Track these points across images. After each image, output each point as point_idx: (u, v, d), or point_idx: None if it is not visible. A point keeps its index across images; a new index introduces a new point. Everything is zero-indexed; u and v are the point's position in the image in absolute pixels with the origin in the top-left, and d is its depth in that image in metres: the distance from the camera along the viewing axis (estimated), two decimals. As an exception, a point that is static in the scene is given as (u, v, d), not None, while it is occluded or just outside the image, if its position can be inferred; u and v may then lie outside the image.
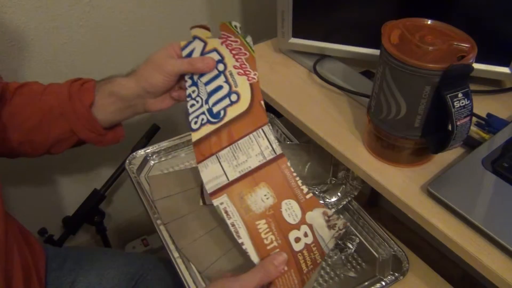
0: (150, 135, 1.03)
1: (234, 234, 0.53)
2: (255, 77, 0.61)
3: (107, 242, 1.19)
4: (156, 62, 0.61)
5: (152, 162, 0.82)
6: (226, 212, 0.53)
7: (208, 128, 0.58)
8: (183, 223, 0.68)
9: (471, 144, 0.61)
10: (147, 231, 1.29)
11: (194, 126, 0.58)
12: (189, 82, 0.61)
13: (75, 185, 1.11)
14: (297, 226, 0.54)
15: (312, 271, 0.55)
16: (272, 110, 0.79)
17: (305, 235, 0.54)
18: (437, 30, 0.54)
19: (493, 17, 0.64)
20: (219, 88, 0.60)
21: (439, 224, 0.52)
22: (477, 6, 0.64)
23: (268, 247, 0.53)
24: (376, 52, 0.55)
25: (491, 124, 0.63)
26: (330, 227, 0.56)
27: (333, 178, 0.74)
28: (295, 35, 0.77)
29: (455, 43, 0.52)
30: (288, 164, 0.56)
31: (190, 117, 0.60)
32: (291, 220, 0.54)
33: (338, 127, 0.67)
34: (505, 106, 0.68)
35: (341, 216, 0.65)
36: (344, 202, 0.71)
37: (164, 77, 0.60)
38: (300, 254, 0.53)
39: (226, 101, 0.59)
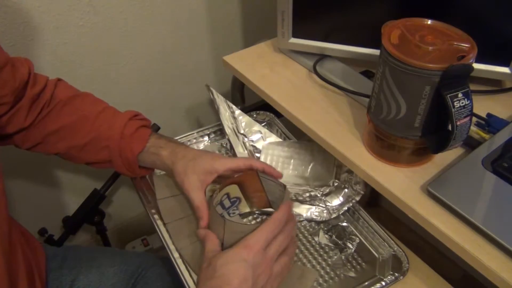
0: (150, 135, 1.03)
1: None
2: None
3: (107, 242, 1.19)
4: (195, 173, 0.62)
5: None
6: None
7: None
8: (184, 225, 0.68)
9: (471, 144, 0.61)
10: (147, 231, 1.29)
11: None
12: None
13: (75, 185, 1.11)
14: None
15: None
16: (272, 110, 0.79)
17: None
18: (437, 30, 0.54)
19: (493, 17, 0.64)
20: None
21: (439, 224, 0.52)
22: (477, 6, 0.64)
23: None
24: (376, 52, 0.55)
25: (491, 124, 0.63)
26: None
27: (336, 180, 0.74)
28: (295, 35, 0.77)
29: (455, 43, 0.52)
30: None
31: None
32: None
33: (338, 127, 0.67)
34: (505, 106, 0.68)
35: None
36: (346, 208, 0.71)
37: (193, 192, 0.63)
38: None
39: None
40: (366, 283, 0.64)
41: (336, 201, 0.72)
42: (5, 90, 0.60)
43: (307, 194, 0.73)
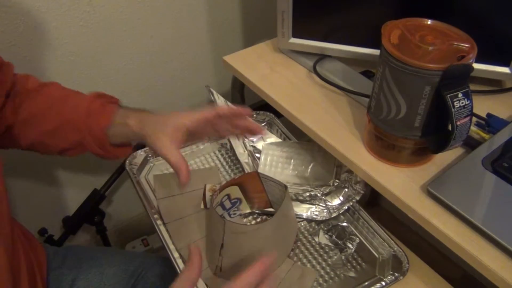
0: (150, 135, 1.03)
1: None
2: None
3: (107, 242, 1.19)
4: (164, 133, 0.61)
5: (152, 162, 0.82)
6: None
7: None
8: (183, 224, 0.68)
9: (471, 144, 0.61)
10: (147, 231, 1.29)
11: None
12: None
13: (75, 185, 1.11)
14: None
15: None
16: (272, 110, 0.79)
17: None
18: (437, 30, 0.54)
19: (493, 17, 0.64)
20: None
21: (439, 224, 0.52)
22: (477, 6, 0.64)
23: None
24: (376, 52, 0.55)
25: (491, 124, 0.63)
26: None
27: (336, 180, 0.74)
28: (295, 35, 0.77)
29: (455, 43, 0.52)
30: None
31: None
32: None
33: (338, 127, 0.67)
34: (505, 106, 0.68)
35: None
36: (346, 207, 0.71)
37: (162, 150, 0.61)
38: None
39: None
40: (366, 283, 0.64)
41: (336, 200, 0.72)
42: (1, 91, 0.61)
43: (307, 194, 0.73)
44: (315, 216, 0.71)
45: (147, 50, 1.00)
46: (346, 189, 0.72)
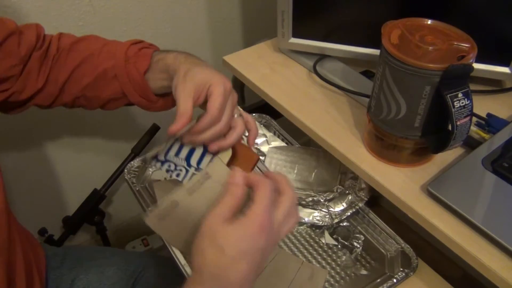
0: (150, 135, 1.03)
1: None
2: None
3: (107, 242, 1.19)
4: (193, 82, 0.55)
5: (151, 169, 0.81)
6: None
7: None
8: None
9: (471, 144, 0.61)
10: (147, 231, 1.29)
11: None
12: (158, 164, 0.55)
13: (75, 185, 1.11)
14: None
15: None
16: (271, 110, 0.79)
17: None
18: (437, 30, 0.54)
19: (493, 17, 0.64)
20: (192, 151, 0.56)
21: (439, 224, 0.52)
22: (477, 6, 0.64)
23: None
24: (376, 52, 0.55)
25: (491, 124, 0.63)
26: None
27: (340, 187, 0.74)
28: (295, 35, 0.77)
29: (455, 43, 0.52)
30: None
31: (185, 182, 0.54)
32: None
33: (338, 127, 0.67)
34: (505, 106, 0.68)
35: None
36: (349, 213, 0.71)
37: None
38: None
39: (208, 156, 0.55)
40: (378, 280, 0.64)
41: (339, 206, 0.72)
42: (11, 60, 0.60)
43: (310, 199, 0.73)
44: (316, 221, 0.71)
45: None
46: (350, 196, 0.72)
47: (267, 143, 0.83)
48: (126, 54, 0.64)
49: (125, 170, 0.79)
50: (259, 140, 0.83)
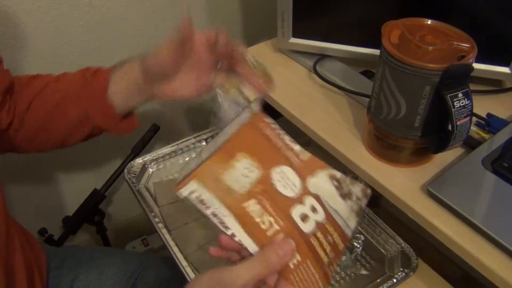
0: (150, 135, 1.03)
1: (220, 226, 0.40)
2: None
3: (107, 242, 1.19)
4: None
5: (151, 170, 0.81)
6: (201, 201, 0.40)
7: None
8: (189, 230, 0.68)
9: (471, 144, 0.61)
10: (147, 231, 1.29)
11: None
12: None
13: (75, 185, 1.11)
14: (299, 199, 0.41)
15: (335, 261, 0.42)
16: (271, 111, 0.79)
17: (313, 209, 0.41)
18: (437, 30, 0.54)
19: (493, 17, 0.64)
20: None
21: (439, 224, 0.52)
22: (477, 6, 0.64)
23: (268, 233, 0.40)
24: (376, 52, 0.55)
25: (491, 124, 0.63)
26: (344, 195, 0.44)
27: None
28: (295, 35, 0.77)
29: (455, 43, 0.52)
30: (268, 120, 0.45)
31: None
32: (289, 193, 0.42)
33: (338, 127, 0.67)
34: (505, 106, 0.68)
35: (357, 180, 0.55)
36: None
37: (168, 49, 0.56)
38: (313, 237, 0.41)
39: None
40: (378, 280, 0.64)
41: None
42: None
43: None
44: None
45: (147, 50, 1.00)
46: None
47: None
48: (83, 76, 0.63)
49: (125, 170, 0.79)
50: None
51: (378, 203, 0.76)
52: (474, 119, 0.65)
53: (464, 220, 0.52)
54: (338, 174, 0.45)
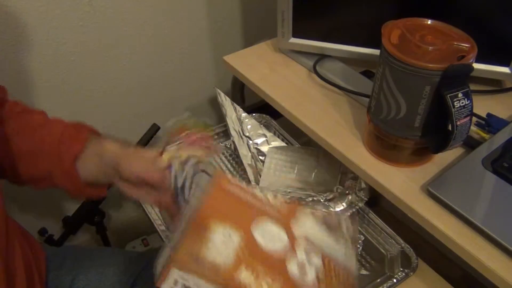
0: (150, 135, 1.03)
1: None
2: None
3: (107, 242, 1.19)
4: (145, 157, 0.58)
5: None
6: None
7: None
8: None
9: (471, 144, 0.61)
10: (147, 231, 1.29)
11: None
12: None
13: (75, 185, 1.11)
14: (290, 249, 0.39)
15: None
16: (271, 111, 0.79)
17: (307, 253, 0.40)
18: (437, 30, 0.54)
19: (493, 17, 0.64)
20: None
21: (439, 224, 0.52)
22: (477, 6, 0.64)
23: None
24: (376, 52, 0.55)
25: (491, 124, 0.63)
26: (333, 228, 0.42)
27: (340, 187, 0.74)
28: (295, 35, 0.77)
29: (455, 43, 0.52)
30: (229, 176, 0.43)
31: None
32: (277, 246, 0.39)
33: (338, 127, 0.67)
34: (505, 106, 0.68)
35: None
36: (348, 213, 0.71)
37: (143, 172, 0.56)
38: (317, 284, 0.39)
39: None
40: (378, 280, 0.64)
41: (339, 206, 0.72)
42: None
43: (310, 199, 0.73)
44: None
45: (147, 50, 1.00)
46: (350, 196, 0.72)
47: (267, 143, 0.83)
48: (62, 134, 0.61)
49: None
50: (259, 140, 0.83)
51: (378, 203, 0.76)
52: (474, 119, 0.65)
53: (464, 220, 0.52)
54: (319, 213, 0.43)
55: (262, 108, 0.88)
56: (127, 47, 0.97)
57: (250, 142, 0.82)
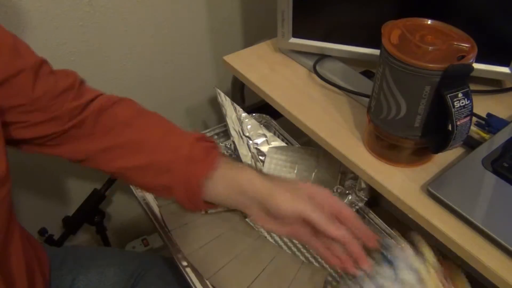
0: (150, 135, 1.03)
1: None
2: None
3: (107, 242, 1.19)
4: (300, 194, 0.53)
5: None
6: None
7: None
8: (188, 230, 0.68)
9: (471, 144, 0.61)
10: (147, 231, 1.29)
11: None
12: None
13: (75, 185, 1.11)
14: None
15: None
16: (271, 111, 0.79)
17: None
18: (437, 30, 0.54)
19: (493, 17, 0.64)
20: None
21: (439, 224, 0.52)
22: (477, 6, 0.64)
23: None
24: (376, 52, 0.55)
25: (491, 124, 0.63)
26: None
27: (340, 187, 0.74)
28: (295, 35, 0.77)
29: (455, 43, 0.52)
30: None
31: None
32: None
33: (338, 127, 0.67)
34: (505, 106, 0.68)
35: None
36: None
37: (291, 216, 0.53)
38: None
39: None
40: None
41: None
42: (19, 99, 0.54)
43: None
44: None
45: (147, 50, 1.00)
46: (350, 196, 0.72)
47: (267, 143, 0.83)
48: (190, 153, 0.56)
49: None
50: (259, 140, 0.83)
51: (378, 203, 0.76)
52: (474, 119, 0.65)
53: (464, 220, 0.52)
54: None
55: (262, 108, 0.88)
56: (127, 47, 0.97)
57: (250, 142, 0.82)
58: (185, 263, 0.63)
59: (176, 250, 0.64)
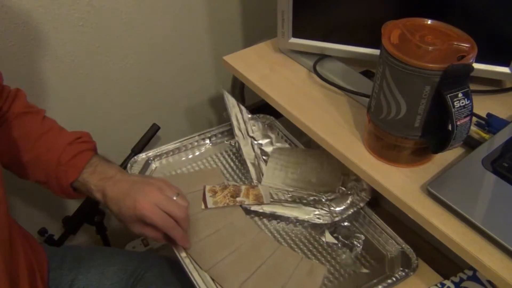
0: (150, 135, 1.03)
1: None
2: None
3: (107, 242, 1.19)
4: (137, 206, 0.61)
5: (154, 165, 0.82)
6: None
7: None
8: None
9: (471, 144, 0.61)
10: (147, 231, 1.29)
11: None
12: None
13: (75, 185, 1.11)
14: None
15: None
16: (272, 111, 0.79)
17: None
18: (437, 30, 0.54)
19: (493, 17, 0.64)
20: None
21: (439, 224, 0.52)
22: (477, 6, 0.64)
23: None
24: (376, 52, 0.55)
25: (491, 124, 0.63)
26: None
27: (342, 188, 0.74)
28: (295, 35, 0.77)
29: (455, 43, 0.52)
30: None
31: None
32: None
33: (338, 127, 0.67)
34: (505, 106, 0.68)
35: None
36: (350, 212, 0.71)
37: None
38: None
39: None
40: (378, 279, 0.64)
41: (340, 206, 0.72)
42: None
43: (312, 198, 0.73)
44: (317, 220, 0.71)
45: (147, 50, 1.00)
46: (351, 197, 0.72)
47: (271, 144, 0.84)
48: (59, 158, 0.66)
49: (128, 165, 0.80)
50: (263, 141, 0.84)
51: (378, 203, 0.76)
52: (474, 119, 0.65)
53: (464, 220, 0.52)
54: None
55: (262, 108, 0.88)
56: (127, 47, 0.97)
57: (255, 142, 0.83)
58: (184, 254, 0.64)
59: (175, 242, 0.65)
